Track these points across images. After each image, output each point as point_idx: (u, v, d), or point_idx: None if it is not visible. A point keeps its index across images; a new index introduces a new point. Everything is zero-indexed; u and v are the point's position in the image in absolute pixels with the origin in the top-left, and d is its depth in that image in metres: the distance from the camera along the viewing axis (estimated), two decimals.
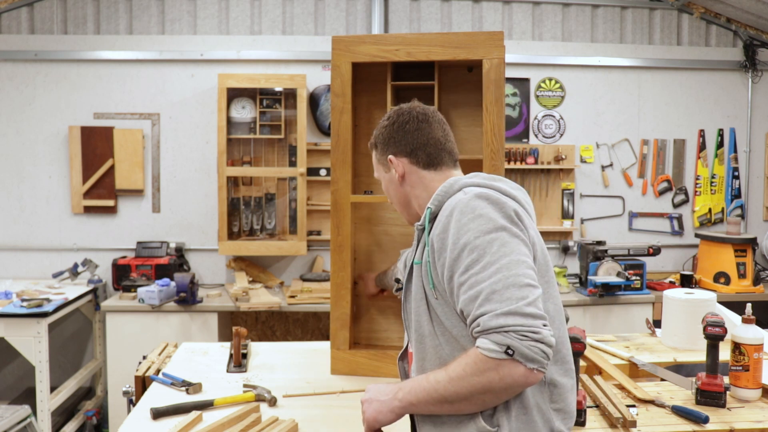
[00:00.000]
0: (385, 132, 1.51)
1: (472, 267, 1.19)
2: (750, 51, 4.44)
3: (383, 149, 1.51)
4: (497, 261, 1.18)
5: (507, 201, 1.28)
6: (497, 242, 1.20)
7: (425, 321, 1.33)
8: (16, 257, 4.26)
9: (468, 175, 1.42)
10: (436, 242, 1.27)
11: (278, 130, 4.16)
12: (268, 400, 1.95)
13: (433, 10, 4.36)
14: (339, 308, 2.24)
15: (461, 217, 1.24)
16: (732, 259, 3.99)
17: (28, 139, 4.23)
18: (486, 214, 1.23)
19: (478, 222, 1.22)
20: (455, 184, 1.36)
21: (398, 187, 1.50)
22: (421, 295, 1.34)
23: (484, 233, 1.21)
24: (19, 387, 4.18)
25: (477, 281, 1.17)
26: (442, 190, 1.35)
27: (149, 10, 4.25)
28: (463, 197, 1.28)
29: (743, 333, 1.87)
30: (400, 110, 1.51)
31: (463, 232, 1.22)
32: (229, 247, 4.08)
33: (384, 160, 1.51)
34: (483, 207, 1.25)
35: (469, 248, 1.20)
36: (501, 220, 1.23)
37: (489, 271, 1.17)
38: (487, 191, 1.29)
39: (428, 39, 2.13)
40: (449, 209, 1.28)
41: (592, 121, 4.46)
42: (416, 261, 1.36)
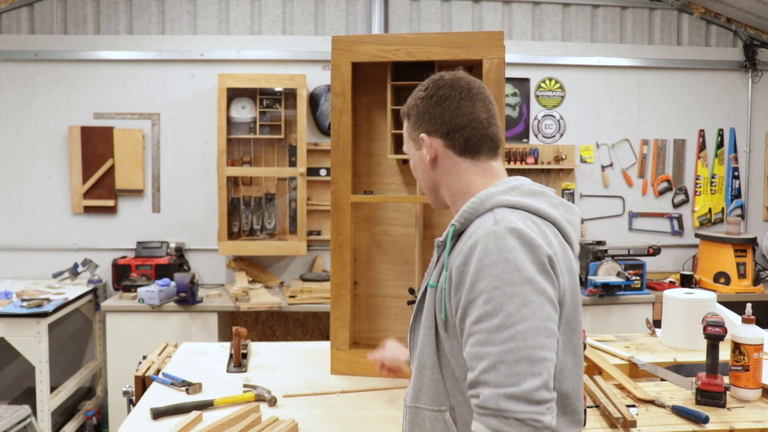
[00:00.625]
0: (420, 105, 1.29)
1: (484, 320, 1.04)
2: (750, 51, 4.43)
3: (416, 124, 1.31)
4: (513, 325, 1.02)
5: (542, 244, 1.09)
6: (518, 299, 1.03)
7: (430, 352, 1.19)
8: (16, 257, 4.26)
9: (506, 182, 1.23)
10: (455, 274, 1.11)
11: (278, 130, 4.16)
12: (268, 400, 1.95)
13: (433, 10, 4.36)
14: (339, 308, 2.24)
15: (485, 256, 1.07)
16: (732, 259, 3.99)
17: (28, 139, 4.23)
18: (513, 259, 1.05)
19: (502, 268, 1.05)
20: (487, 200, 1.16)
21: (428, 170, 1.31)
22: (431, 323, 1.19)
23: (506, 284, 1.04)
24: (19, 387, 4.18)
25: (486, 341, 1.03)
26: (471, 206, 1.16)
27: (149, 10, 4.25)
28: (493, 228, 1.09)
29: (743, 333, 1.87)
30: (441, 81, 1.29)
31: (483, 275, 1.06)
32: (229, 247, 4.08)
33: (415, 136, 1.31)
34: (512, 249, 1.06)
35: (485, 298, 1.05)
36: (529, 270, 1.05)
37: (502, 335, 1.02)
38: (521, 227, 1.09)
39: (428, 39, 2.13)
40: (474, 239, 1.10)
41: (592, 121, 4.46)
42: (431, 284, 1.20)
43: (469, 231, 1.14)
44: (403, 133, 1.37)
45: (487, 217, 1.14)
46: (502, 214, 1.12)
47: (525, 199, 1.17)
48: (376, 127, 2.35)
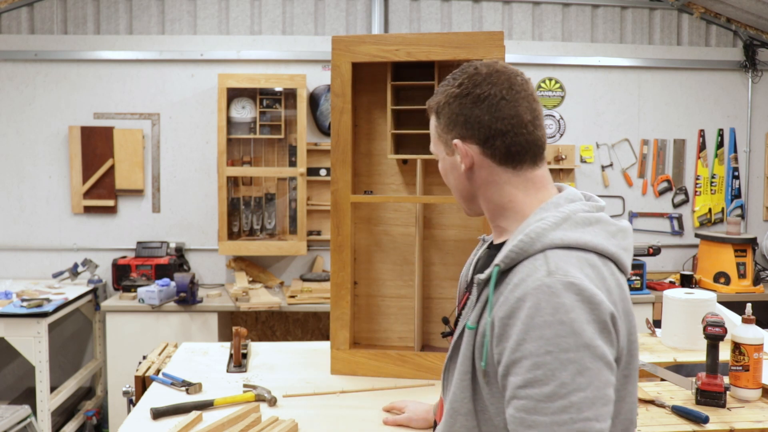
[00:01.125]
0: (453, 104, 1.10)
1: (532, 386, 0.91)
2: (750, 51, 4.43)
3: (448, 126, 1.12)
4: (567, 395, 0.89)
5: (604, 300, 0.94)
6: (573, 367, 0.90)
7: (465, 398, 1.05)
8: (16, 257, 4.27)
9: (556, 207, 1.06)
10: (498, 325, 0.97)
11: (278, 130, 4.16)
12: (268, 400, 1.95)
13: (433, 10, 4.36)
14: (339, 308, 2.24)
15: (535, 315, 0.92)
16: (732, 259, 3.99)
17: (28, 139, 4.23)
18: (570, 321, 0.91)
19: (556, 330, 0.91)
20: (537, 240, 1.00)
21: (462, 178, 1.14)
22: (467, 368, 1.05)
23: (560, 350, 0.90)
24: (19, 387, 4.18)
25: (535, 409, 0.91)
26: (519, 245, 1.00)
27: (149, 10, 4.25)
28: (546, 281, 0.94)
29: (743, 333, 1.87)
30: (477, 75, 1.09)
31: (532, 336, 0.92)
32: (229, 247, 4.08)
33: (447, 139, 1.13)
34: (569, 308, 0.92)
35: (533, 362, 0.91)
36: (587, 332, 0.91)
37: (554, 405, 0.90)
38: (580, 280, 0.94)
39: (428, 39, 2.13)
40: (522, 290, 0.95)
41: (592, 121, 4.46)
42: (470, 325, 1.05)
43: (517, 276, 0.99)
44: (430, 131, 1.19)
45: (538, 262, 0.98)
46: (557, 260, 0.97)
47: (580, 234, 1.01)
48: (376, 127, 2.35)
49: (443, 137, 1.14)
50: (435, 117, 1.16)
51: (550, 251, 0.99)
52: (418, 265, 2.28)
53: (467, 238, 2.29)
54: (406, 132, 2.29)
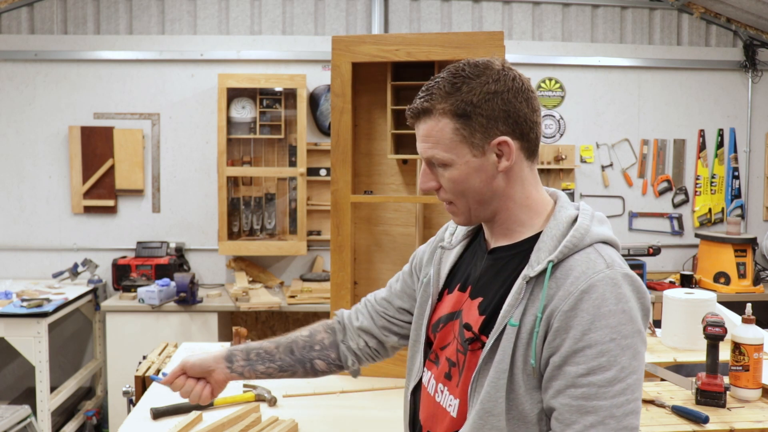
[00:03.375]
0: (495, 100, 1.05)
1: (595, 373, 0.97)
2: (750, 51, 4.43)
3: (484, 124, 1.05)
4: (626, 378, 0.97)
5: (646, 289, 1.05)
6: (630, 352, 0.98)
7: (500, 398, 1.05)
8: (16, 257, 4.26)
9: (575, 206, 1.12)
10: (559, 318, 1.00)
11: (278, 130, 4.16)
12: (268, 400, 1.95)
13: (433, 10, 4.36)
14: (339, 308, 2.24)
15: (602, 304, 0.98)
16: (732, 259, 3.99)
17: (28, 139, 4.23)
18: (629, 310, 0.99)
19: (620, 318, 0.98)
20: (587, 235, 1.05)
21: (490, 181, 1.09)
22: (506, 367, 1.04)
23: (622, 336, 0.98)
24: (19, 387, 4.18)
25: (596, 394, 0.97)
26: (572, 240, 1.04)
27: (149, 10, 4.25)
28: (608, 273, 1.01)
29: (743, 333, 1.87)
30: (503, 67, 1.08)
31: (599, 325, 0.98)
32: (229, 247, 4.08)
33: (477, 140, 1.06)
34: (628, 298, 1.00)
35: (598, 349, 0.97)
36: (638, 319, 1.01)
37: (614, 389, 0.97)
38: (631, 272, 1.04)
39: (428, 39, 2.13)
40: (586, 282, 1.00)
41: (592, 121, 4.46)
42: (513, 322, 1.04)
43: (574, 271, 1.02)
44: (431, 137, 1.09)
45: (592, 255, 1.03)
46: (609, 253, 1.05)
47: (606, 230, 1.09)
48: (376, 127, 2.35)
49: (470, 138, 1.06)
50: (455, 119, 1.06)
51: (598, 245, 1.05)
52: None
53: None
54: (406, 132, 2.29)
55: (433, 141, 1.08)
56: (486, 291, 1.12)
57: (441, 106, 1.06)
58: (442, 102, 1.06)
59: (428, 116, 1.08)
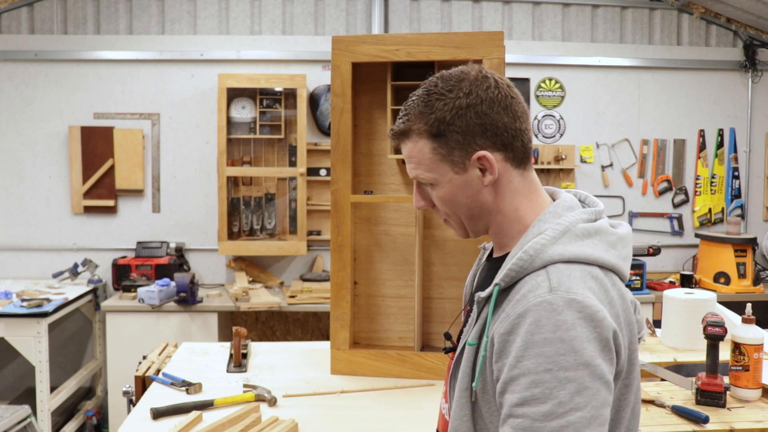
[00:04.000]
0: (468, 115, 1.01)
1: (529, 405, 0.90)
2: (750, 51, 4.43)
3: (460, 141, 1.02)
4: (564, 414, 0.88)
5: (607, 317, 0.93)
6: (572, 386, 0.88)
7: (465, 416, 1.03)
8: (16, 257, 4.26)
9: (555, 217, 1.03)
10: (498, 341, 0.96)
11: (278, 130, 4.16)
12: (268, 400, 1.95)
13: (433, 10, 4.36)
14: (339, 308, 2.24)
15: (535, 331, 0.91)
16: (732, 259, 3.99)
17: (28, 139, 4.23)
18: (570, 339, 0.90)
19: (556, 348, 0.89)
20: (537, 256, 0.98)
21: (477, 195, 1.06)
22: (466, 385, 1.03)
23: (559, 368, 0.89)
24: (19, 387, 4.18)
25: (531, 428, 0.89)
26: (518, 263, 0.98)
27: (149, 10, 4.25)
28: (548, 298, 0.92)
29: (743, 333, 1.87)
30: (476, 78, 1.03)
31: (531, 353, 0.90)
32: (229, 247, 4.08)
33: (457, 157, 1.03)
34: (570, 325, 0.90)
35: (531, 379, 0.90)
36: (587, 351, 0.90)
37: (550, 425, 0.88)
38: (583, 297, 0.93)
39: (428, 39, 2.13)
40: (523, 307, 0.93)
41: (592, 121, 4.46)
42: (470, 342, 1.03)
43: (518, 293, 0.97)
44: (411, 159, 1.07)
45: (540, 278, 0.96)
46: (559, 275, 0.95)
47: (579, 247, 0.99)
48: (376, 127, 2.35)
49: (449, 157, 1.04)
50: (431, 139, 1.04)
51: (552, 266, 0.97)
52: (418, 265, 2.28)
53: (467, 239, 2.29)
54: None
55: (415, 162, 1.07)
56: (473, 301, 1.13)
57: (416, 126, 1.04)
58: (418, 122, 1.04)
59: (407, 138, 1.07)
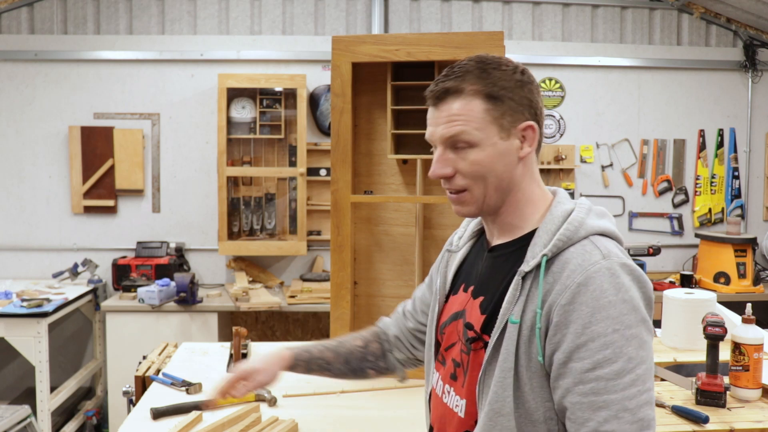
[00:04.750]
0: (523, 90, 1.09)
1: (602, 367, 0.95)
2: (750, 51, 4.43)
3: (514, 108, 1.08)
4: (634, 369, 0.95)
5: (647, 278, 1.03)
6: (635, 342, 0.96)
7: (507, 397, 1.04)
8: (16, 257, 4.26)
9: (573, 201, 1.12)
10: (558, 313, 0.99)
11: (278, 130, 4.16)
12: (268, 400, 1.95)
13: (433, 10, 4.36)
14: (339, 308, 2.24)
15: (600, 296, 0.97)
16: (732, 259, 3.99)
17: (28, 139, 4.23)
18: (631, 299, 0.98)
19: (621, 309, 0.97)
20: (581, 227, 1.05)
21: (510, 167, 1.10)
22: (510, 365, 1.03)
23: (625, 327, 0.96)
24: (19, 387, 4.18)
25: (605, 388, 0.95)
26: (565, 233, 1.04)
27: (149, 10, 4.25)
28: (605, 264, 0.99)
29: (743, 333, 1.87)
30: (516, 64, 1.12)
31: (599, 317, 0.96)
32: (229, 247, 4.08)
33: (507, 122, 1.08)
34: (629, 287, 0.99)
35: (601, 342, 0.96)
36: (641, 308, 0.99)
37: (623, 381, 0.95)
38: (630, 261, 1.02)
39: (428, 39, 2.13)
40: (582, 275, 0.99)
41: (592, 121, 4.46)
42: (514, 320, 1.04)
43: (570, 264, 1.01)
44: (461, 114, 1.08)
45: (588, 247, 1.02)
46: (604, 244, 1.03)
47: (605, 223, 1.08)
48: (376, 127, 2.35)
49: (500, 120, 1.07)
50: (486, 100, 1.07)
51: (594, 237, 1.04)
52: (418, 265, 2.28)
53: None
54: (406, 132, 2.29)
55: (463, 120, 1.07)
56: (486, 290, 1.13)
57: (473, 87, 1.08)
58: (475, 83, 1.08)
59: (458, 95, 1.08)
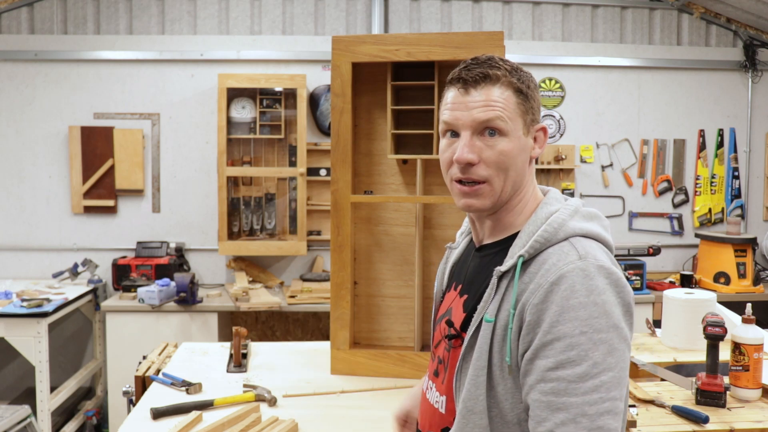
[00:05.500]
0: (538, 92, 1.14)
1: (564, 368, 0.94)
2: (750, 51, 4.43)
3: (535, 108, 1.13)
4: (598, 375, 0.93)
5: (627, 284, 1.00)
6: (604, 347, 0.94)
7: (480, 396, 1.04)
8: (16, 257, 4.26)
9: (563, 202, 1.12)
10: (531, 313, 0.98)
11: (278, 130, 4.16)
12: (268, 400, 1.95)
13: (433, 10, 4.36)
14: (339, 308, 2.24)
15: (570, 296, 0.95)
16: (732, 259, 3.99)
17: (28, 139, 4.23)
18: (603, 303, 0.95)
19: (591, 311, 0.94)
20: (560, 228, 1.04)
21: (525, 163, 1.12)
22: (483, 363, 1.04)
23: (594, 330, 0.94)
24: (19, 387, 4.18)
25: (566, 390, 0.93)
26: (544, 234, 1.04)
27: (149, 10, 4.25)
28: (580, 264, 0.98)
29: (743, 333, 1.87)
30: None
31: (567, 317, 0.95)
32: (229, 247, 4.08)
33: (530, 120, 1.11)
34: (602, 290, 0.96)
35: (567, 342, 0.94)
36: (616, 314, 0.96)
37: (585, 385, 0.92)
38: (608, 264, 1.00)
39: (428, 39, 2.13)
40: (556, 274, 0.98)
41: (592, 121, 4.46)
42: (488, 318, 1.04)
43: (545, 263, 1.01)
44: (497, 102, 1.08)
45: (564, 248, 1.02)
46: (583, 245, 1.02)
47: (591, 226, 1.07)
48: (376, 127, 2.35)
49: (526, 116, 1.10)
50: (517, 93, 1.10)
51: (574, 239, 1.03)
52: (418, 265, 2.28)
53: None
54: (406, 132, 2.29)
55: (500, 107, 1.08)
56: (470, 288, 1.15)
57: (507, 78, 1.09)
58: (509, 76, 1.10)
59: (495, 83, 1.09)
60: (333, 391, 2.06)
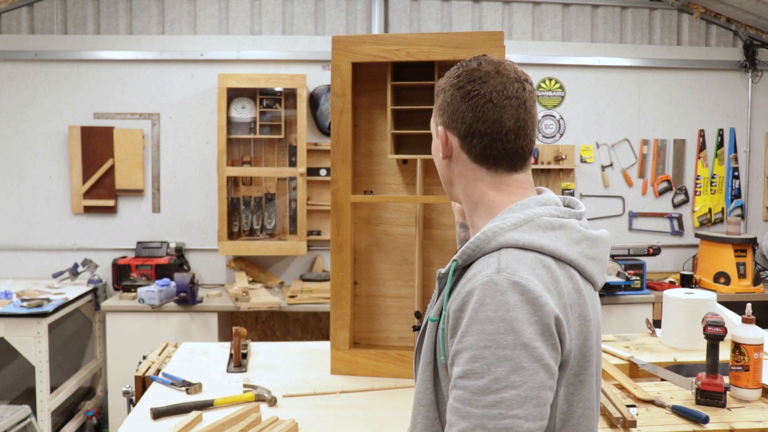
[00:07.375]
0: (448, 93, 1.11)
1: (468, 378, 0.94)
2: (750, 51, 4.44)
3: (439, 109, 1.14)
4: (499, 391, 0.91)
5: (549, 303, 0.95)
6: (508, 364, 0.92)
7: (427, 389, 1.07)
8: (16, 257, 4.26)
9: (523, 208, 1.06)
10: (452, 318, 1.00)
11: (278, 130, 4.16)
12: (268, 400, 1.95)
13: (433, 10, 4.36)
14: (339, 308, 2.24)
15: (479, 309, 0.94)
16: (732, 259, 3.99)
17: (28, 139, 4.23)
18: (510, 320, 0.93)
19: (496, 327, 0.93)
20: (493, 238, 1.01)
21: (442, 163, 1.16)
22: (429, 359, 1.07)
23: (498, 346, 0.92)
24: (19, 387, 4.18)
25: (470, 400, 0.93)
26: (475, 242, 1.02)
27: (149, 10, 4.25)
28: (494, 278, 0.96)
29: (743, 333, 1.87)
30: (476, 69, 1.10)
31: (474, 329, 0.94)
32: (229, 247, 4.08)
33: (435, 122, 1.16)
34: (511, 306, 0.93)
35: (472, 354, 0.94)
36: (526, 333, 0.93)
37: (485, 399, 0.92)
38: (527, 281, 0.95)
39: (428, 39, 2.13)
40: (472, 285, 0.97)
41: (592, 121, 4.46)
42: (432, 318, 1.07)
43: (472, 271, 1.01)
44: None
45: (491, 259, 0.99)
46: (508, 258, 0.98)
47: (539, 237, 1.01)
48: (376, 127, 2.35)
49: (436, 119, 1.16)
50: (436, 97, 1.15)
51: (505, 250, 1.00)
52: (418, 265, 2.28)
53: None
54: (406, 132, 2.29)
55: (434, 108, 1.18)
56: None
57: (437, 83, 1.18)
58: (439, 81, 1.17)
59: None
60: (333, 391, 2.06)
